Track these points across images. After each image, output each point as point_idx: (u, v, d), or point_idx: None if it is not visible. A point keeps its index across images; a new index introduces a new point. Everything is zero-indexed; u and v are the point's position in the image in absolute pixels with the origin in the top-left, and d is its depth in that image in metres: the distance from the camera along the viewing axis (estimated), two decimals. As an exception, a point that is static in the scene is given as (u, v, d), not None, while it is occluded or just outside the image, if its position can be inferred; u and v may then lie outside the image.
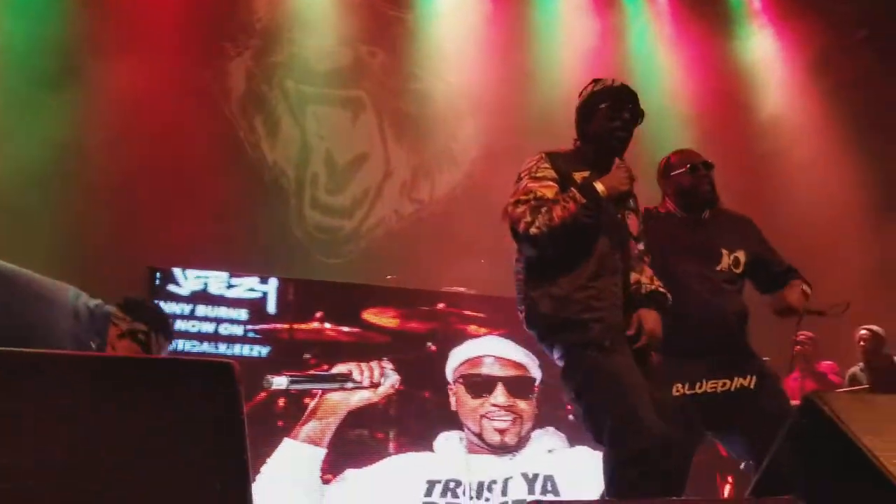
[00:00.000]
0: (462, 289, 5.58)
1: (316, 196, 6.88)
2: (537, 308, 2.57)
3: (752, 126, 7.95)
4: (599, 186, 2.54)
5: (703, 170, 3.09)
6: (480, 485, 4.75)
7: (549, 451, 5.00)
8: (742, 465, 4.02)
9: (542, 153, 2.68)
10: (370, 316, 5.10)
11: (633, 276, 2.67)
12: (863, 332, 5.70)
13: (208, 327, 4.83)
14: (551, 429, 5.08)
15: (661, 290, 2.68)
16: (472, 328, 5.26)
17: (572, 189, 2.54)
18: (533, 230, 2.48)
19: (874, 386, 5.37)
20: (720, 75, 8.00)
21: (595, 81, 2.79)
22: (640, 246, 2.76)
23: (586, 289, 2.53)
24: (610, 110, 2.67)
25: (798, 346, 5.71)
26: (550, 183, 2.58)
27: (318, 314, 4.96)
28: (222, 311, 4.88)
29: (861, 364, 5.74)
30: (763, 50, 8.28)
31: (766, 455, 2.19)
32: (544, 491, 4.75)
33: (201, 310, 4.86)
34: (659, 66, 8.01)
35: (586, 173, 2.60)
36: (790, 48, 8.14)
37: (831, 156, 7.45)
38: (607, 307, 2.54)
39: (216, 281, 4.92)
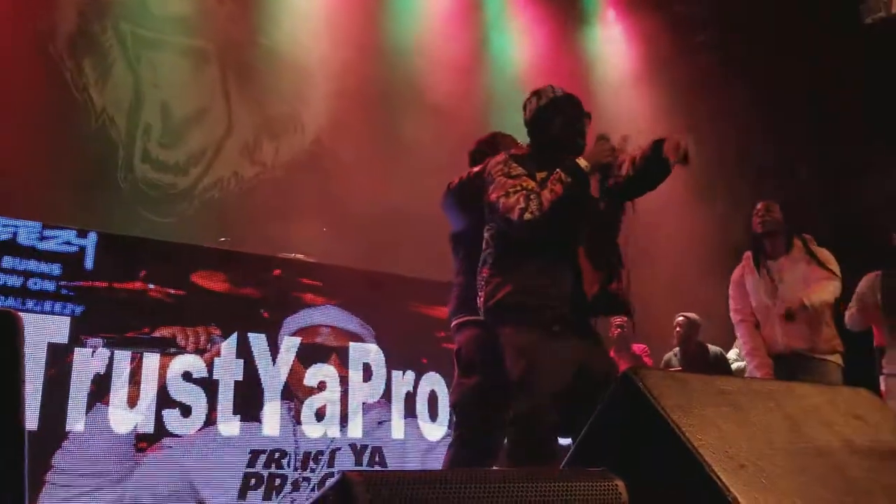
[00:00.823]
0: (301, 256, 5.42)
1: (148, 149, 6.46)
2: (499, 292, 2.75)
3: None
4: (582, 162, 2.72)
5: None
6: (307, 455, 4.66)
7: (379, 423, 4.98)
8: None
9: (507, 155, 2.87)
10: (199, 279, 4.83)
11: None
12: (679, 318, 6.07)
13: (15, 281, 4.40)
14: (383, 400, 5.07)
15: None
16: (309, 297, 5.12)
17: (557, 171, 2.71)
18: (527, 216, 2.67)
19: (686, 371, 5.74)
20: (567, 65, 8.23)
21: (537, 95, 2.96)
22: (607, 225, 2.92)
23: (543, 278, 2.73)
24: (565, 125, 2.89)
25: (617, 329, 6.04)
26: (526, 178, 2.77)
27: (142, 273, 4.64)
28: (32, 265, 4.46)
29: (676, 349, 6.12)
30: (609, 45, 8.60)
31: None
32: (371, 462, 4.73)
33: (8, 262, 4.42)
34: (509, 51, 8.14)
35: (545, 174, 2.76)
36: (635, 45, 8.51)
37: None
38: (560, 296, 2.72)
39: (27, 231, 4.48)
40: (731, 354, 6.06)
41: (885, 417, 2.14)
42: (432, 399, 5.25)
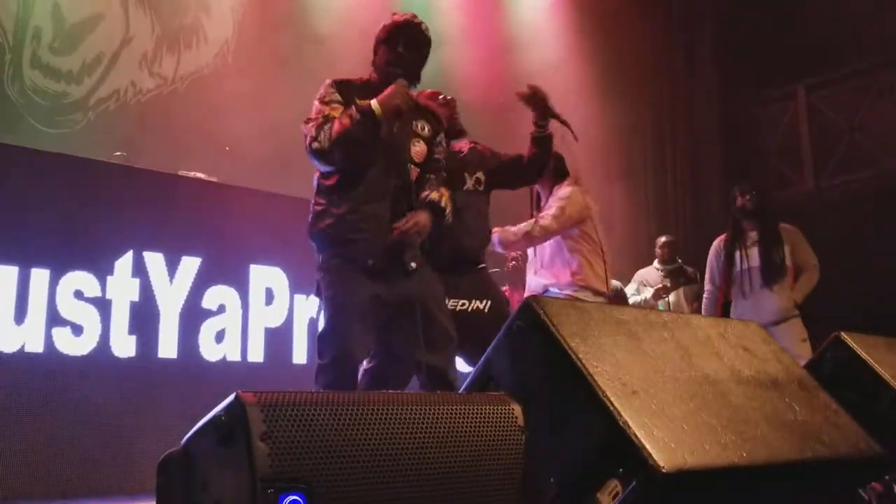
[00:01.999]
0: (201, 175, 5.21)
1: (38, 54, 6.02)
2: (318, 223, 2.79)
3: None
4: (374, 103, 2.70)
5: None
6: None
7: (281, 347, 4.93)
8: None
9: (331, 80, 2.85)
10: (91, 195, 4.58)
11: (423, 193, 2.84)
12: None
13: None
14: (285, 324, 5.00)
15: (442, 204, 2.85)
16: (209, 217, 4.93)
17: (351, 107, 2.71)
18: (315, 145, 2.70)
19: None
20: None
21: (392, 17, 2.91)
22: (432, 174, 2.93)
23: (356, 212, 2.73)
24: (388, 45, 2.84)
25: (513, 262, 6.14)
26: (337, 106, 2.76)
27: (30, 186, 4.36)
28: None
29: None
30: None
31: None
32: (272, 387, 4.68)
33: None
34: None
35: (353, 107, 2.73)
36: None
37: (581, 95, 7.88)
38: (372, 230, 2.72)
39: None
40: (629, 289, 6.26)
41: (771, 350, 2.23)
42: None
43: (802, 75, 8.18)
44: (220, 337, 4.63)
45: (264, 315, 4.86)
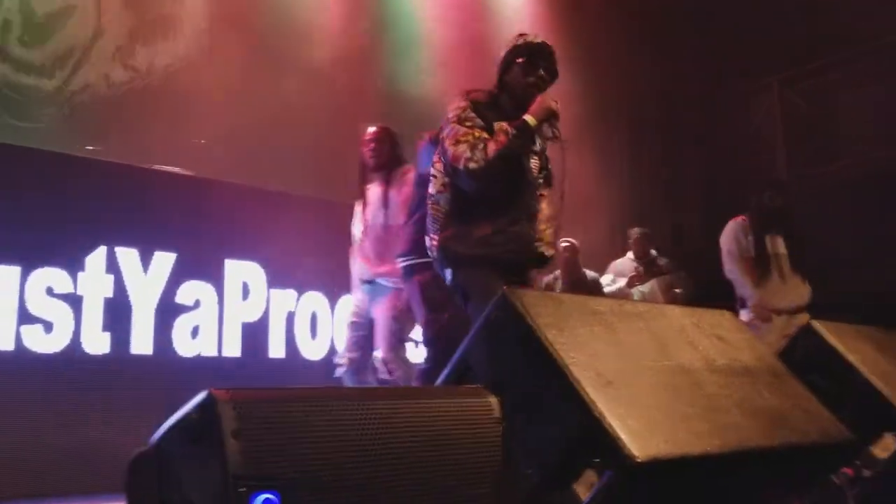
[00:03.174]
0: (177, 169, 5.16)
1: (7, 48, 5.91)
2: (457, 244, 2.83)
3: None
4: (528, 117, 2.79)
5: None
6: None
7: (258, 342, 4.91)
8: None
9: (465, 100, 2.88)
10: (65, 189, 4.52)
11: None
12: (563, 244, 6.24)
13: None
14: (262, 319, 4.97)
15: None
16: (185, 211, 4.89)
17: (504, 124, 2.79)
18: (472, 165, 2.74)
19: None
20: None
21: (520, 35, 2.99)
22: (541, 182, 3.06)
23: (503, 233, 2.82)
24: (525, 66, 2.90)
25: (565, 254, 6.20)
26: (475, 124, 2.82)
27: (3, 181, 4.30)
28: None
29: (556, 273, 6.30)
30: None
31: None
32: (249, 383, 4.66)
33: None
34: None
35: (503, 125, 2.81)
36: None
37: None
38: (518, 249, 2.86)
39: None
40: (605, 280, 6.30)
41: (744, 338, 2.26)
42: (313, 319, 5.19)
43: (777, 69, 8.25)
44: (195, 332, 4.60)
45: (240, 310, 4.83)
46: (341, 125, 6.35)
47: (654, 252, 6.39)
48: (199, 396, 1.40)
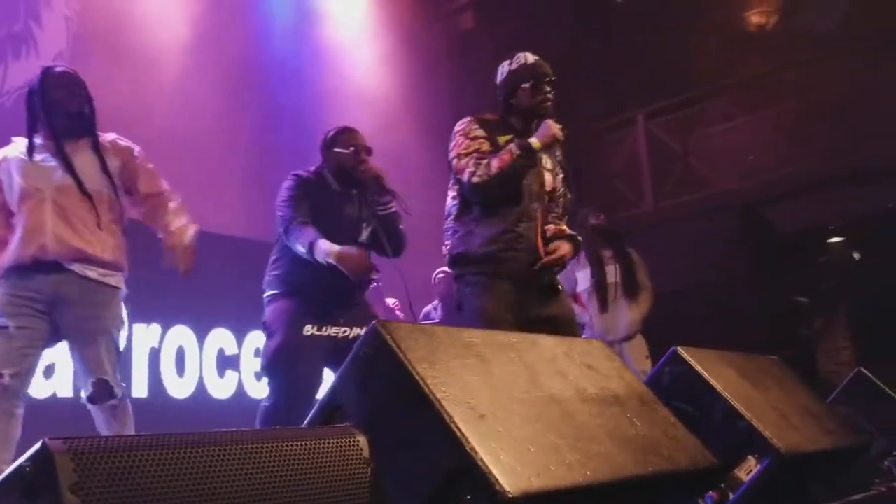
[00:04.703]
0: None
1: None
2: (466, 243, 3.11)
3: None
4: (534, 140, 3.05)
5: (363, 153, 3.41)
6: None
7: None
8: None
9: (472, 117, 3.18)
10: None
11: (552, 227, 3.27)
12: (440, 274, 6.26)
13: None
14: (124, 355, 4.69)
15: (578, 237, 3.32)
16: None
17: (511, 142, 3.04)
18: (475, 179, 3.01)
19: (445, 322, 5.93)
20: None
21: (510, 60, 3.25)
22: (557, 197, 3.33)
23: (511, 232, 3.08)
24: (533, 89, 3.18)
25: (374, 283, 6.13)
26: (482, 140, 3.10)
27: None
28: None
29: (436, 303, 6.29)
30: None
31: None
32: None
33: None
34: None
35: (508, 137, 3.10)
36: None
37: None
38: (525, 249, 3.09)
39: None
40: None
41: (613, 367, 2.29)
42: (180, 355, 4.95)
43: (641, 103, 8.66)
44: (49, 372, 4.28)
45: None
46: (214, 150, 6.15)
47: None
48: (34, 447, 1.26)
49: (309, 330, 3.20)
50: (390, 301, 6.35)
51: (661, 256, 5.57)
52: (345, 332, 3.28)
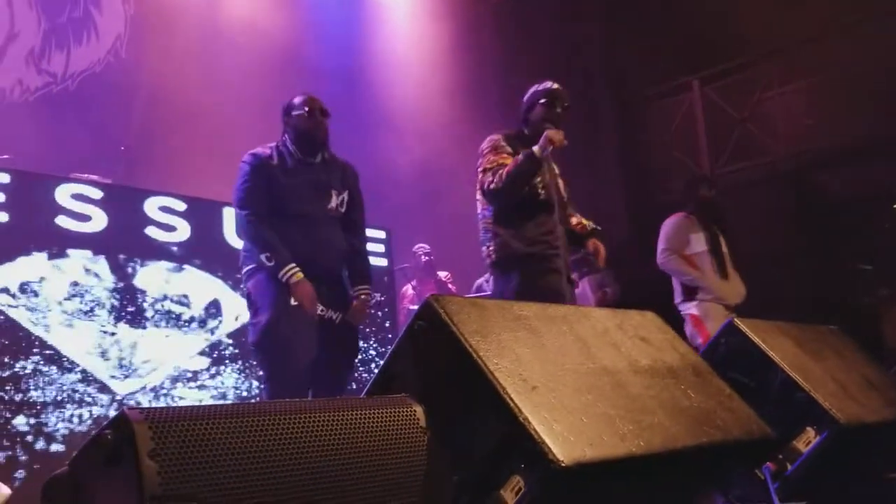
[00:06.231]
0: (95, 177, 5.00)
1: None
2: (509, 245, 3.49)
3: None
4: (535, 148, 3.40)
5: (320, 116, 3.38)
6: None
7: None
8: None
9: (501, 134, 3.62)
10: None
11: (575, 219, 3.78)
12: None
13: None
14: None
15: (598, 227, 3.78)
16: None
17: (518, 153, 3.48)
18: (492, 186, 3.44)
19: (496, 295, 5.95)
20: None
21: (541, 82, 3.68)
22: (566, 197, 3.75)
23: (549, 233, 3.48)
24: (547, 106, 3.61)
25: (425, 257, 6.21)
26: (506, 154, 3.52)
27: None
28: None
29: (487, 276, 6.32)
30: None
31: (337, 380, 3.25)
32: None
33: None
34: None
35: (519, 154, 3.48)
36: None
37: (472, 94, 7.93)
38: (562, 246, 3.49)
39: None
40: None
41: (667, 339, 2.30)
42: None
43: (697, 68, 8.48)
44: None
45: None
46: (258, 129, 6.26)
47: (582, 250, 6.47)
48: (113, 416, 1.35)
49: (294, 301, 3.18)
50: (442, 274, 6.41)
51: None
52: (322, 310, 3.25)
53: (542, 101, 3.62)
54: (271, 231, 3.22)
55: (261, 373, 3.53)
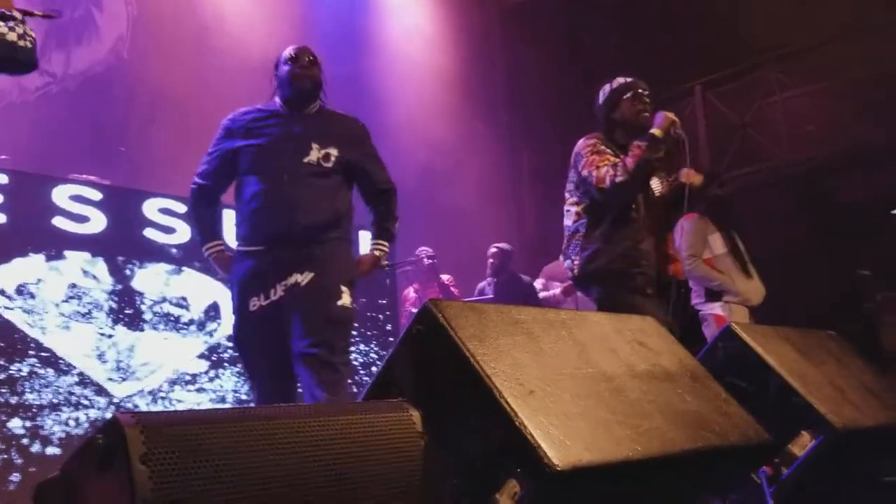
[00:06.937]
0: (93, 178, 5.00)
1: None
2: (595, 260, 3.35)
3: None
4: (655, 130, 3.29)
5: (308, 65, 3.23)
6: None
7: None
8: None
9: (595, 136, 3.45)
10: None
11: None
12: (493, 249, 6.28)
13: None
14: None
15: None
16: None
17: (633, 142, 3.31)
18: (619, 178, 3.22)
19: (498, 298, 5.95)
20: None
21: (612, 80, 3.56)
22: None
23: (636, 249, 3.36)
24: (632, 99, 3.48)
25: (429, 260, 6.18)
26: (610, 154, 3.36)
27: None
28: None
29: (489, 279, 6.32)
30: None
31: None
32: None
33: None
34: None
35: (634, 142, 3.32)
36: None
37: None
38: (648, 264, 3.38)
39: None
40: (537, 284, 6.35)
41: (665, 343, 2.29)
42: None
43: (699, 73, 8.47)
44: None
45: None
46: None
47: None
48: (105, 421, 1.34)
49: (255, 303, 3.00)
50: (445, 277, 6.40)
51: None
52: (295, 279, 2.96)
53: (626, 95, 3.49)
54: (206, 204, 3.19)
55: None
